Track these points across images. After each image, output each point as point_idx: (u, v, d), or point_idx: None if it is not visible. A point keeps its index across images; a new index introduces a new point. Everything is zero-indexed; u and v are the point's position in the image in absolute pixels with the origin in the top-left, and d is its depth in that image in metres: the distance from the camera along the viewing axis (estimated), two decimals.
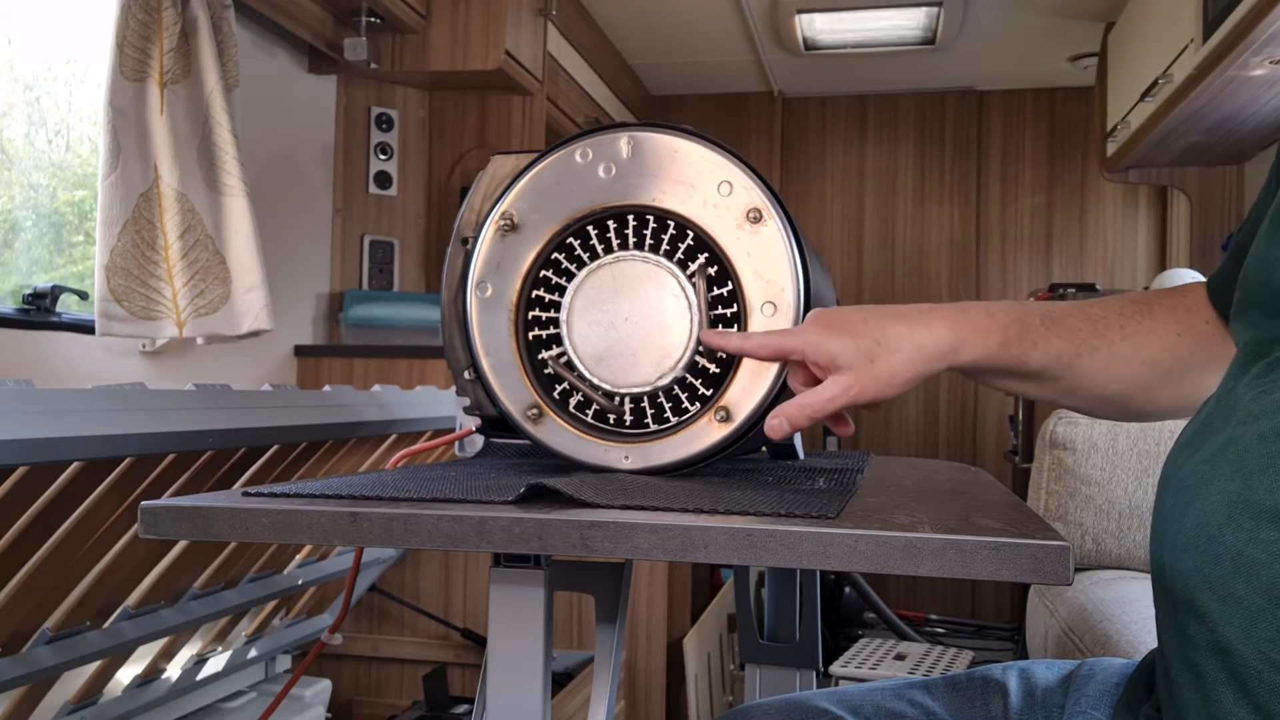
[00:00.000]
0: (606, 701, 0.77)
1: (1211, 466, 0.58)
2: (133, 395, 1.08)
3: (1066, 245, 3.81)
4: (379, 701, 2.41)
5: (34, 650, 1.19)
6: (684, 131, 0.84)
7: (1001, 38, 3.33)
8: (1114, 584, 1.86)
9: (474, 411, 0.93)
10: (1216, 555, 0.55)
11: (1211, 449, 0.59)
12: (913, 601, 3.78)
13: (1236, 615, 0.53)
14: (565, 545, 0.60)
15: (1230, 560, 0.54)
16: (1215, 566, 0.55)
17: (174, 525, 0.65)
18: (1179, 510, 0.59)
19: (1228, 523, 0.55)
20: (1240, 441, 0.57)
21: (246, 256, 1.87)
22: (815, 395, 0.76)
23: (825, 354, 0.76)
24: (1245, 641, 0.53)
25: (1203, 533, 0.56)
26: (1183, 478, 0.60)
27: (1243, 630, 0.53)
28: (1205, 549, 0.55)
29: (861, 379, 0.75)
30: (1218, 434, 0.59)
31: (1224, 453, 0.57)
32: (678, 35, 3.38)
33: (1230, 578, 0.54)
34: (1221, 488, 0.56)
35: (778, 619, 1.33)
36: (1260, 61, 2.08)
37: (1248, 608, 0.53)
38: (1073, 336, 0.78)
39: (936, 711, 0.82)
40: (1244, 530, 0.54)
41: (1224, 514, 0.55)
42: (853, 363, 0.75)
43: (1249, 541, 0.53)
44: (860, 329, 0.76)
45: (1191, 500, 0.58)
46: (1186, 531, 0.57)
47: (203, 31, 1.84)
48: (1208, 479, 0.57)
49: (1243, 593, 0.53)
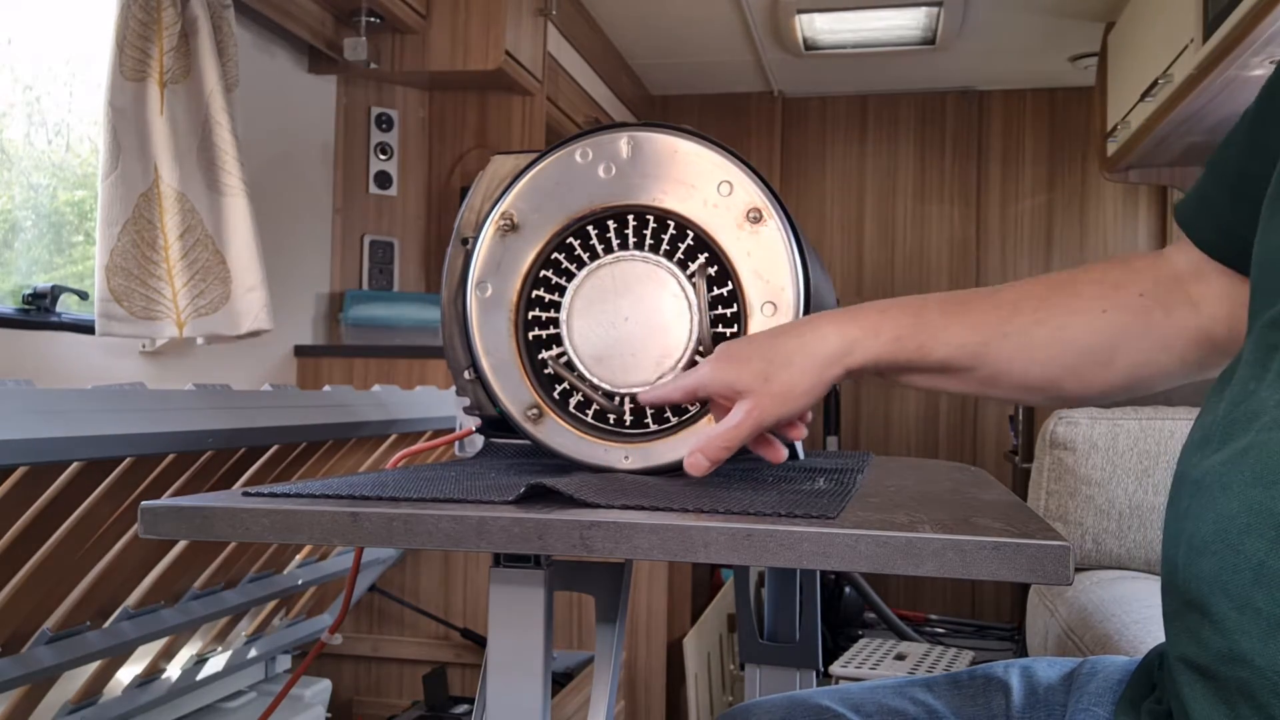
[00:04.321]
0: (606, 701, 0.77)
1: (1231, 470, 0.57)
2: (133, 395, 1.08)
3: (1066, 245, 3.81)
4: (379, 701, 2.41)
5: (34, 650, 1.19)
6: (684, 131, 0.84)
7: (1001, 38, 3.33)
8: (1114, 584, 1.85)
9: (474, 411, 0.93)
10: (1236, 564, 0.54)
11: (1232, 451, 0.57)
12: (913, 601, 3.78)
13: (1255, 626, 0.52)
14: (565, 545, 0.60)
15: (1250, 570, 0.53)
16: (1234, 575, 0.54)
17: (174, 525, 0.65)
18: (1196, 511, 0.58)
19: (1248, 531, 0.54)
20: (1264, 447, 0.55)
21: (246, 256, 1.87)
22: (722, 426, 0.77)
23: (724, 384, 0.77)
24: (1262, 654, 0.52)
25: (1221, 538, 0.55)
26: (1199, 478, 0.59)
27: (1260, 642, 0.52)
28: (1224, 555, 0.55)
29: (760, 400, 0.76)
30: (1240, 436, 0.58)
31: (1245, 457, 0.56)
32: (678, 35, 3.38)
33: (1250, 588, 0.53)
34: (1242, 494, 0.55)
35: (778, 619, 1.33)
36: (1260, 61, 2.07)
37: (1267, 619, 0.52)
38: (978, 324, 0.76)
39: (939, 710, 0.82)
40: (1265, 541, 0.53)
41: (1244, 521, 0.54)
42: (750, 385, 0.76)
43: (1270, 553, 0.52)
44: (752, 352, 0.77)
45: (1210, 503, 0.57)
46: (1204, 534, 0.56)
47: (203, 31, 1.84)
48: (1228, 483, 0.56)
49: (1263, 604, 0.52)
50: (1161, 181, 3.30)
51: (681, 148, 0.83)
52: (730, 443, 0.77)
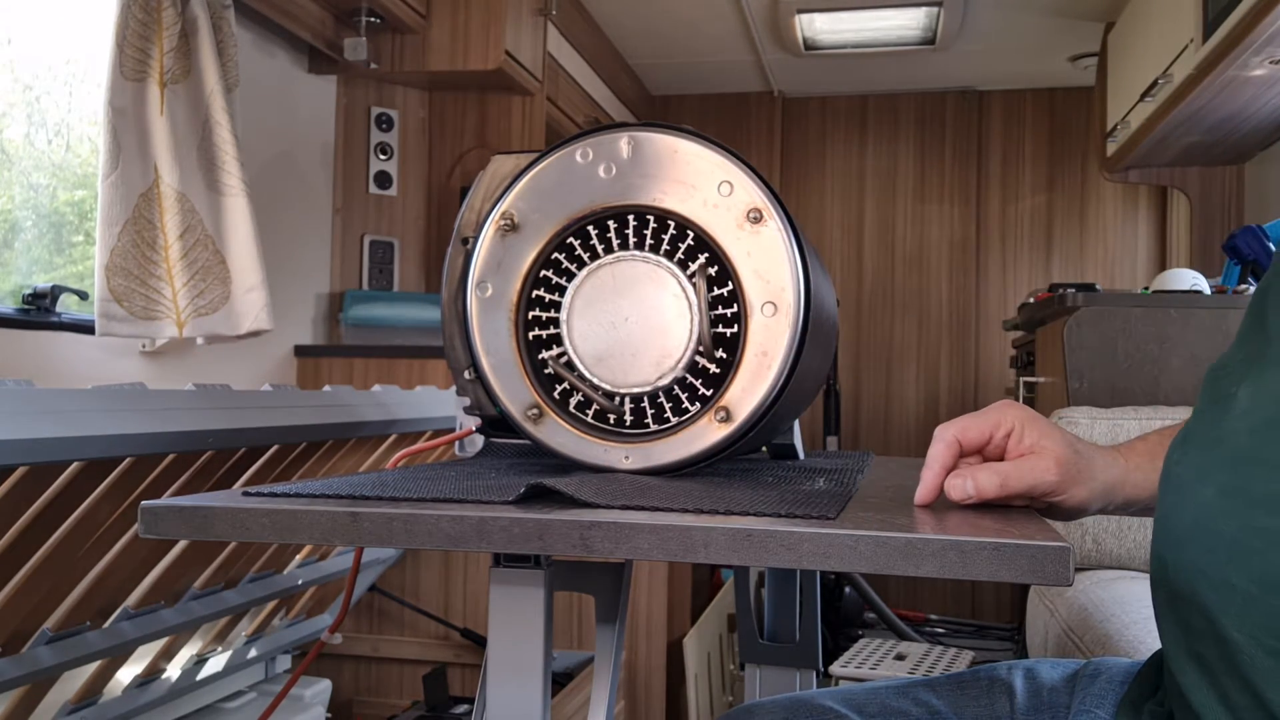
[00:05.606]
0: (606, 701, 0.77)
1: (1206, 461, 0.59)
2: (133, 395, 1.08)
3: (1066, 245, 3.81)
4: (379, 701, 2.41)
5: (34, 650, 1.19)
6: (684, 131, 0.84)
7: (1001, 38, 3.33)
8: (1114, 584, 1.85)
9: (474, 411, 0.93)
10: (1212, 546, 0.56)
11: (1205, 443, 0.60)
12: (913, 601, 3.78)
13: (1232, 603, 0.54)
14: (565, 545, 0.60)
15: (1225, 549, 0.55)
16: (1211, 556, 0.55)
17: (174, 525, 0.65)
18: (1178, 506, 0.60)
19: (1222, 514, 0.56)
20: (1233, 435, 0.58)
21: (246, 256, 1.87)
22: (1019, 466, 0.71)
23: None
24: (1241, 628, 0.54)
25: (1199, 525, 0.57)
26: (1179, 474, 0.61)
27: (1238, 617, 0.54)
28: (1202, 541, 0.56)
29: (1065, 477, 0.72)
30: (1211, 429, 0.60)
31: (1217, 447, 0.58)
32: (678, 35, 3.38)
33: (1225, 566, 0.55)
34: (1216, 479, 0.57)
35: (778, 619, 1.33)
36: (1260, 61, 2.08)
37: (1243, 595, 0.53)
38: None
39: (942, 710, 0.82)
40: (1237, 519, 0.55)
41: (1218, 505, 0.56)
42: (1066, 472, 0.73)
43: (1243, 529, 0.54)
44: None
45: (1188, 495, 0.59)
46: (1184, 525, 0.58)
47: (203, 31, 1.84)
48: (1203, 473, 0.58)
49: (1237, 580, 0.54)
50: (1161, 182, 3.30)
51: (681, 148, 0.83)
52: (1008, 484, 0.70)
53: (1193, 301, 2.41)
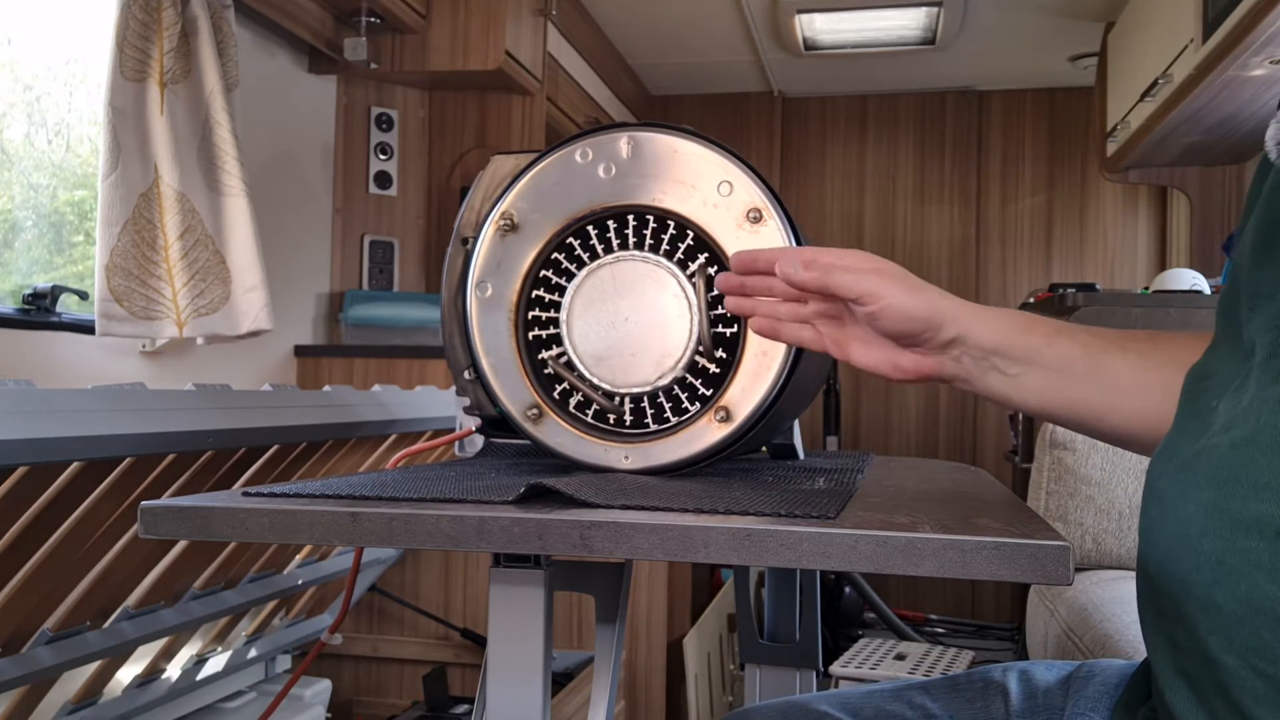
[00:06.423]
0: (606, 701, 0.77)
1: (1188, 476, 0.58)
2: (133, 395, 1.08)
3: (1066, 245, 3.81)
4: (379, 701, 2.41)
5: (34, 650, 1.19)
6: (684, 131, 0.84)
7: (1001, 38, 3.33)
8: (1114, 584, 1.85)
9: (474, 411, 0.93)
10: (1197, 564, 0.55)
11: (1187, 457, 0.59)
12: (913, 601, 3.78)
13: (1219, 624, 0.53)
14: (565, 545, 0.60)
15: (1210, 569, 0.54)
16: (1196, 575, 0.55)
17: (174, 525, 0.65)
18: (1161, 519, 0.59)
19: (1205, 533, 0.55)
20: (1214, 451, 0.56)
21: (246, 256, 1.87)
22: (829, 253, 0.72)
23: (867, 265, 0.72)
24: (1228, 650, 0.53)
25: (1183, 542, 0.56)
26: (1162, 487, 0.60)
27: (1225, 639, 0.53)
28: (1186, 558, 0.56)
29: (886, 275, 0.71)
30: (1193, 442, 0.59)
31: (1198, 461, 0.57)
32: (678, 35, 3.38)
33: (1210, 587, 0.54)
34: (1198, 497, 0.56)
35: (778, 619, 1.33)
36: (1260, 61, 2.08)
37: (1228, 616, 0.53)
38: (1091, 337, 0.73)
39: (937, 713, 0.82)
40: (1221, 539, 0.54)
41: (1201, 523, 0.55)
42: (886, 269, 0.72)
43: (1227, 550, 0.53)
44: None
45: (1171, 509, 0.58)
46: (1168, 540, 0.58)
47: (203, 31, 1.84)
48: (1185, 488, 0.57)
49: (1223, 601, 0.53)
50: (1161, 181, 3.30)
51: (681, 148, 0.83)
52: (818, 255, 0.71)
53: (1193, 301, 2.42)
